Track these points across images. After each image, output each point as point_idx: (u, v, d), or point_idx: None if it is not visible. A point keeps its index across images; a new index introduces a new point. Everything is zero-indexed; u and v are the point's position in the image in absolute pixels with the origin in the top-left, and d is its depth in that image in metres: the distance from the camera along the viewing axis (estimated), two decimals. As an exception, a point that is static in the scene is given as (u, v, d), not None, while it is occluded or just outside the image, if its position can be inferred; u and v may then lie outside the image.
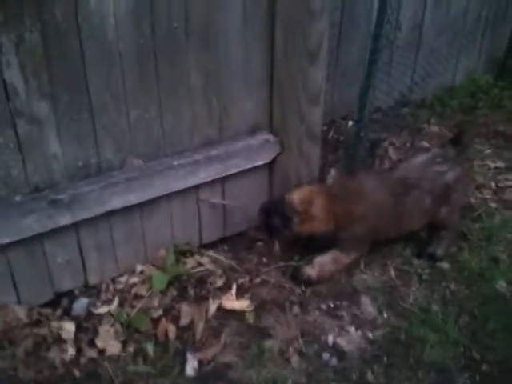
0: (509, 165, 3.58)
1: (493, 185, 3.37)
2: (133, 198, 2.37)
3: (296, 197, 2.47)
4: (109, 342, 2.33)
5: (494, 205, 3.19)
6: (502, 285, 2.63)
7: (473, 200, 3.20)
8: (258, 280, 2.65)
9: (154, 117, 2.34)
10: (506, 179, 3.42)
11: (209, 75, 2.37)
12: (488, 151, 3.73)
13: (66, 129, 2.14)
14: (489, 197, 3.26)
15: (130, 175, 2.33)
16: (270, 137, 2.66)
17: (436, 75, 4.25)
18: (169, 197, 2.52)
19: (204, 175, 2.52)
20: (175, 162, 2.42)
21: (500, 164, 3.58)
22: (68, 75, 2.06)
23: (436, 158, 2.68)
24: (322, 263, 2.60)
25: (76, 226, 2.34)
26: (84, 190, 2.24)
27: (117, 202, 2.34)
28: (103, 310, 2.45)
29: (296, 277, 2.62)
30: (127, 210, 2.42)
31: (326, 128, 3.84)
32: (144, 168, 2.39)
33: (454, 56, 4.35)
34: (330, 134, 3.82)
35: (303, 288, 2.59)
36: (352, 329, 2.40)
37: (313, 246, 2.62)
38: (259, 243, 2.88)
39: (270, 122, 2.68)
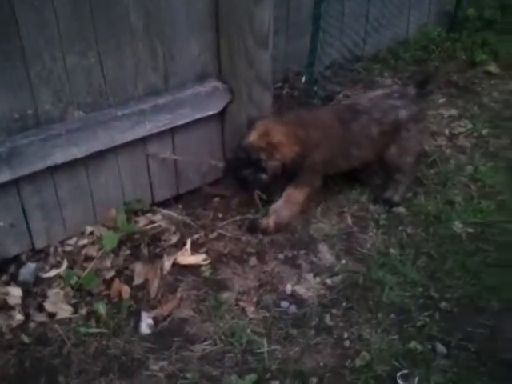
0: (462, 112, 3.58)
1: (447, 132, 3.36)
2: (76, 152, 2.24)
3: (253, 136, 2.39)
4: (59, 305, 2.22)
5: (448, 151, 3.19)
6: (458, 226, 2.62)
7: (427, 147, 3.18)
8: (214, 235, 2.57)
9: (93, 63, 2.20)
10: (460, 126, 3.42)
11: (150, 16, 2.24)
12: (441, 100, 3.72)
13: (-3, 78, 1.99)
14: (443, 143, 3.25)
15: (71, 127, 2.21)
16: (219, 84, 2.55)
17: (389, 27, 4.21)
18: (115, 151, 2.40)
19: (151, 126, 2.40)
20: (119, 113, 2.30)
21: (453, 112, 3.57)
22: (-5, 18, 1.90)
23: (394, 93, 2.64)
24: (277, 209, 2.55)
25: (17, 184, 2.20)
26: (22, 143, 2.11)
27: (59, 156, 2.21)
28: (52, 273, 2.34)
29: (253, 228, 2.56)
30: (71, 165, 2.29)
31: (279, 84, 3.76)
32: (86, 119, 2.26)
33: (406, 8, 4.31)
34: (285, 90, 3.74)
35: (261, 237, 2.53)
36: (310, 276, 2.36)
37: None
38: (215, 199, 2.79)
39: (218, 68, 2.57)
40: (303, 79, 3.80)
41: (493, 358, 2.02)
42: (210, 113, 2.58)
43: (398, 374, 1.96)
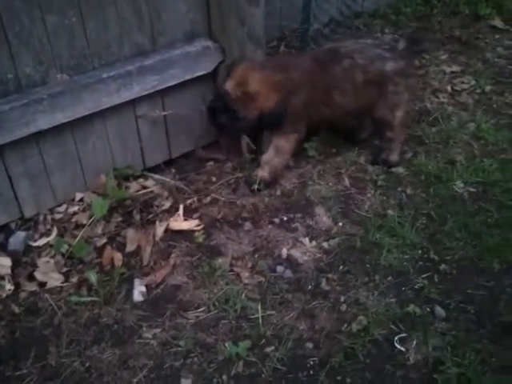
0: (464, 68, 3.46)
1: (449, 88, 3.25)
2: (61, 117, 2.16)
3: (231, 82, 2.29)
4: (49, 274, 2.18)
5: (450, 108, 3.08)
6: (459, 185, 2.55)
7: (429, 105, 3.09)
8: (207, 199, 2.51)
9: (74, 23, 2.10)
10: (462, 82, 3.31)
11: (132, -28, 2.13)
12: (443, 56, 3.59)
13: (-28, 39, 1.90)
14: (445, 100, 3.14)
15: (54, 91, 2.12)
16: (210, 43, 2.45)
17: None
18: (102, 115, 2.32)
19: (139, 88, 2.31)
20: (105, 75, 2.21)
21: (456, 68, 3.45)
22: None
23: (383, 44, 2.53)
24: (268, 159, 2.50)
25: (1, 151, 2.13)
26: (3, 109, 2.02)
27: (43, 122, 2.13)
28: (42, 242, 2.29)
29: (249, 183, 2.51)
30: (57, 131, 2.21)
31: (275, 42, 3.64)
32: (70, 82, 2.17)
33: (407, -39, 4.13)
34: (281, 48, 3.61)
35: (257, 187, 2.49)
36: (306, 240, 2.30)
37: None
38: (209, 163, 2.72)
39: (208, 27, 2.47)
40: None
41: (492, 321, 1.97)
42: (201, 73, 2.48)
43: (396, 338, 1.93)
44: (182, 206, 2.41)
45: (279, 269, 2.19)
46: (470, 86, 3.28)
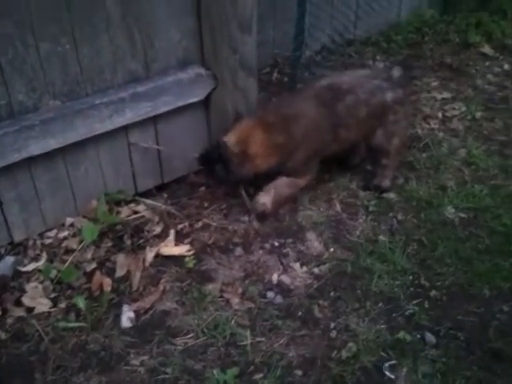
0: (455, 95, 3.51)
1: (440, 115, 3.29)
2: (53, 143, 2.18)
3: (232, 138, 2.30)
4: (37, 299, 2.17)
5: (441, 134, 3.11)
6: (450, 211, 2.56)
7: (420, 131, 3.12)
8: (199, 224, 2.51)
9: (68, 50, 2.12)
10: (453, 109, 3.34)
11: (126, 1, 2.16)
12: (434, 83, 3.64)
13: (-35, 66, 1.93)
14: (436, 126, 3.18)
15: (46, 117, 2.13)
16: (203, 70, 2.48)
17: (381, 11, 4.12)
18: (95, 140, 2.33)
19: (131, 115, 2.33)
20: (97, 101, 2.23)
21: (446, 95, 3.49)
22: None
23: (378, 74, 2.56)
24: (277, 185, 2.46)
25: (-8, 177, 2.14)
26: (-4, 135, 2.03)
27: (35, 148, 2.14)
28: (31, 267, 2.28)
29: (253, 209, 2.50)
30: (48, 156, 2.23)
31: (268, 69, 3.69)
32: (62, 109, 2.18)
33: (399, -9, 4.22)
34: (274, 75, 3.66)
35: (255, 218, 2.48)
36: (297, 265, 2.30)
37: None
38: (201, 188, 2.72)
39: (201, 54, 2.50)
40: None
41: (482, 347, 1.96)
42: (194, 100, 2.50)
43: (386, 365, 1.91)
44: (172, 231, 2.41)
45: (269, 295, 2.18)
46: (460, 113, 3.32)
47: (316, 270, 2.28)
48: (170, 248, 2.36)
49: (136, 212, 2.52)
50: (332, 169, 2.78)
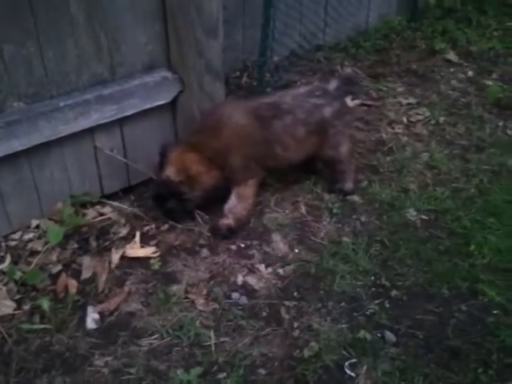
0: (420, 100, 3.59)
1: (404, 120, 3.37)
2: (17, 144, 2.18)
3: (171, 170, 2.35)
4: (1, 301, 2.15)
5: (405, 138, 3.19)
6: (412, 213, 2.62)
7: (384, 135, 3.19)
8: (165, 226, 2.53)
9: (32, 53, 2.13)
10: (418, 114, 3.42)
11: (91, 5, 2.17)
12: (400, 89, 3.72)
13: None
14: (400, 131, 3.25)
15: (10, 119, 2.14)
16: (169, 74, 2.50)
17: (349, 17, 4.19)
18: (60, 143, 2.34)
19: (97, 117, 2.34)
20: (62, 103, 2.24)
21: (412, 100, 3.58)
22: None
23: (315, 91, 2.59)
24: (231, 207, 2.49)
25: (-45, 178, 2.12)
26: (-41, 136, 2.03)
27: (-2, 149, 2.13)
28: (-5, 269, 2.27)
29: (216, 232, 2.48)
30: (13, 158, 2.22)
31: (238, 73, 3.72)
32: (27, 111, 2.18)
33: (367, -2, 4.30)
34: (244, 79, 3.70)
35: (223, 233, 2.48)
36: (262, 267, 2.33)
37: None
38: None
39: (167, 58, 2.52)
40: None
41: (440, 345, 2.02)
42: (160, 103, 2.53)
43: (346, 363, 1.95)
44: (138, 233, 2.43)
45: (234, 295, 2.21)
46: (424, 118, 3.40)
47: (281, 271, 2.31)
48: (136, 250, 2.37)
49: (102, 214, 2.52)
50: (297, 172, 2.82)
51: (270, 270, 2.32)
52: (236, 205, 2.49)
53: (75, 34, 2.20)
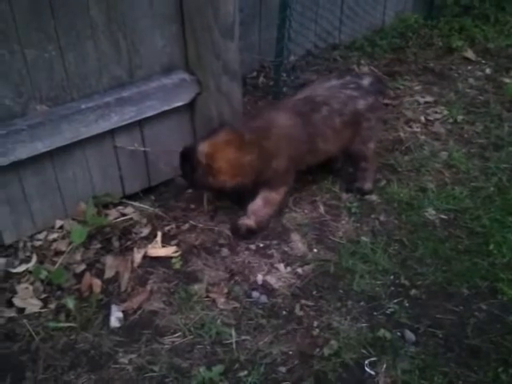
0: (438, 99, 3.58)
1: (422, 119, 3.36)
2: (40, 146, 2.22)
3: (203, 148, 2.32)
4: (28, 300, 2.21)
5: (423, 137, 3.19)
6: (430, 212, 2.63)
7: (402, 134, 3.19)
8: (185, 226, 2.56)
9: (54, 56, 2.17)
10: (435, 112, 3.42)
11: (111, 9, 2.21)
12: (417, 87, 3.72)
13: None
14: (418, 130, 3.25)
15: (33, 122, 2.18)
16: (187, 76, 2.53)
17: (365, 16, 4.19)
18: (82, 144, 2.38)
19: (117, 119, 2.38)
20: (83, 106, 2.27)
21: (429, 99, 3.57)
22: None
23: (349, 84, 2.61)
24: (255, 209, 2.50)
25: (-18, 180, 2.18)
26: (-17, 139, 2.07)
27: (22, 152, 2.18)
28: (21, 268, 2.32)
29: (236, 231, 2.51)
30: (36, 160, 2.26)
31: (255, 74, 3.75)
32: (49, 113, 2.22)
33: (383, -4, 4.29)
34: (260, 80, 3.72)
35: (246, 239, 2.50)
36: (281, 266, 2.35)
37: (233, 196, 2.57)
38: (188, 191, 2.77)
39: (185, 60, 2.55)
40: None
41: (460, 344, 2.03)
42: (178, 104, 2.55)
43: (366, 362, 1.97)
44: (160, 233, 2.47)
45: (254, 294, 2.23)
46: (442, 116, 3.39)
47: (300, 271, 2.33)
48: (158, 249, 2.41)
49: (124, 214, 2.57)
50: (315, 172, 2.84)
51: (289, 269, 2.35)
52: (261, 208, 2.49)
53: (95, 37, 2.24)
